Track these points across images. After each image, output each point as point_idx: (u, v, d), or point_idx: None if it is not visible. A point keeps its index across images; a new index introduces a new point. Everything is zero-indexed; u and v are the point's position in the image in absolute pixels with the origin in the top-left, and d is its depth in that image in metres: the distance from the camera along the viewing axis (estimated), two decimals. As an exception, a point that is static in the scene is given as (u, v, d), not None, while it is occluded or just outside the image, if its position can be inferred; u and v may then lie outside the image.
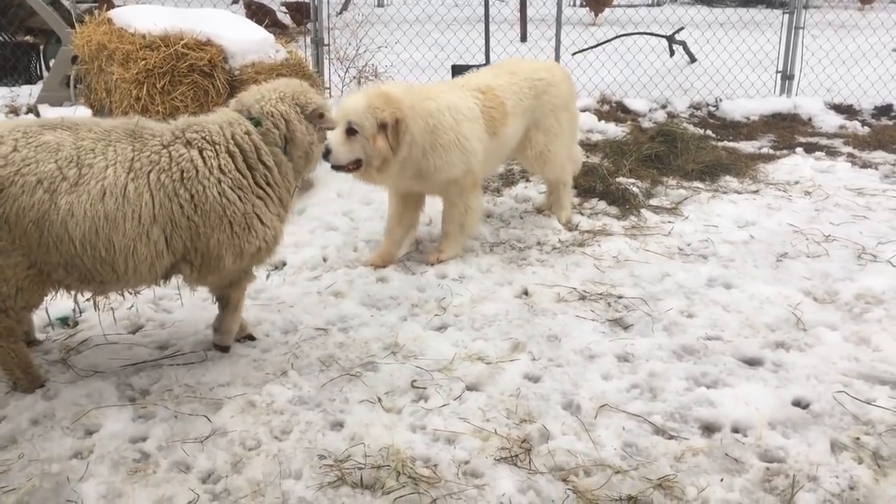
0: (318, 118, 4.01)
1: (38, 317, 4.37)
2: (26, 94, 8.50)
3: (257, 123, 3.84)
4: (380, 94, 4.81)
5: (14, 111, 7.91)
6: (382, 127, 4.73)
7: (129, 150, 3.60)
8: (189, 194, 3.63)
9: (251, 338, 4.27)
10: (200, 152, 3.69)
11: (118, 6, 6.64)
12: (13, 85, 9.01)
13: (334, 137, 4.66)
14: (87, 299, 4.27)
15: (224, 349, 4.13)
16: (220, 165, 3.70)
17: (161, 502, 3.07)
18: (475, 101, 5.22)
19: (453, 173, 5.10)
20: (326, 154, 4.59)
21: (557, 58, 9.33)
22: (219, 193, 3.68)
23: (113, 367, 3.97)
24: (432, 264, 5.20)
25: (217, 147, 3.73)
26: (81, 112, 6.77)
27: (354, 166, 4.80)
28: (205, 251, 3.74)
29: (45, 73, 9.22)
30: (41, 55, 9.68)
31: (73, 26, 7.11)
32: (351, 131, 4.71)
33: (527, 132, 5.67)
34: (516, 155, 5.90)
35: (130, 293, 4.28)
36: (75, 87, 7.65)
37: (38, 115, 7.77)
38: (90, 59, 5.86)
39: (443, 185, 5.17)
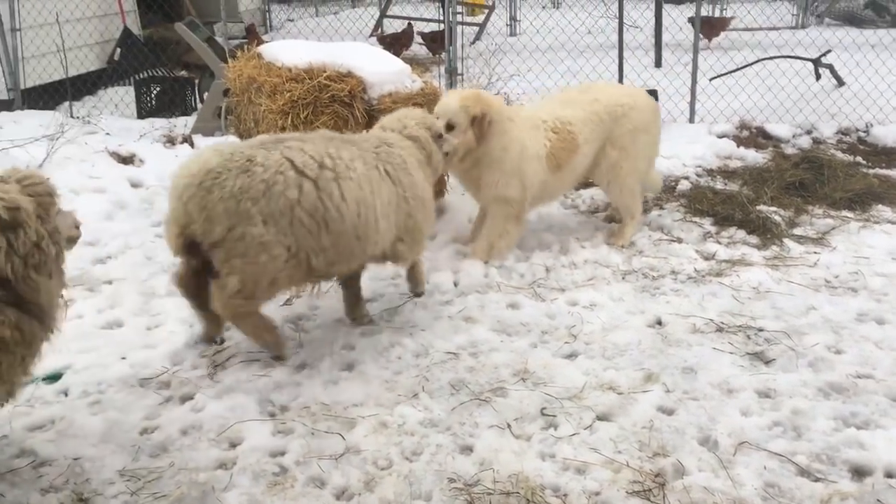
0: (439, 138, 4.94)
1: (188, 335, 4.64)
2: (182, 124, 9.09)
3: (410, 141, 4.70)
4: (472, 94, 5.51)
5: (171, 140, 8.47)
6: (473, 121, 5.32)
7: (356, 150, 4.34)
8: (403, 180, 4.47)
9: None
10: (402, 151, 4.56)
11: (266, 42, 7.02)
12: (171, 116, 9.66)
13: None
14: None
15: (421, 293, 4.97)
16: (413, 162, 4.60)
17: (297, 515, 3.18)
18: (546, 142, 5.59)
19: (505, 194, 5.54)
20: None
21: (694, 82, 9.11)
22: (420, 180, 4.59)
23: (255, 383, 4.17)
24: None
25: (408, 151, 4.60)
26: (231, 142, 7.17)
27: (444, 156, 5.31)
28: (412, 227, 4.58)
29: (199, 106, 9.82)
30: (196, 88, 10.33)
31: (225, 61, 7.58)
32: (449, 127, 5.26)
33: (602, 149, 5.87)
34: (590, 171, 6.03)
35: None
36: (226, 118, 8.13)
37: (192, 144, 8.29)
38: (241, 91, 6.22)
39: (492, 201, 5.63)
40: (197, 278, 4.23)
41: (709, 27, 13.07)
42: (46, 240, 3.04)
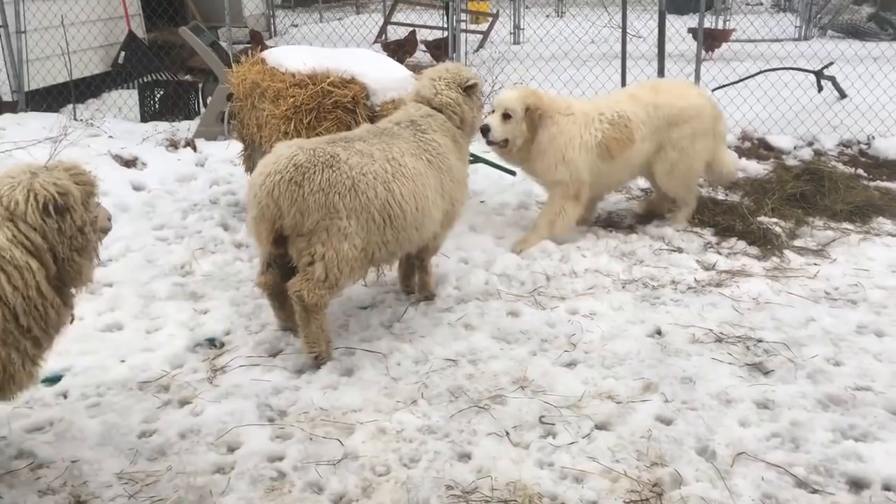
0: (474, 89, 5.04)
1: (188, 338, 4.65)
2: (185, 128, 9.10)
3: (439, 111, 4.87)
4: (530, 91, 6.05)
5: (174, 144, 8.49)
6: (526, 112, 5.82)
7: (401, 142, 4.60)
8: (445, 166, 4.74)
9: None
10: (435, 134, 4.76)
11: (270, 47, 7.04)
12: (174, 120, 9.67)
13: (494, 120, 5.81)
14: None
15: (432, 297, 5.17)
16: (448, 144, 4.81)
17: (295, 521, 3.18)
18: (597, 133, 5.99)
19: (557, 177, 6.00)
20: (486, 131, 5.77)
21: (696, 94, 9.13)
22: (456, 164, 4.84)
23: (254, 387, 4.17)
24: (516, 252, 5.88)
25: (439, 132, 4.80)
26: (235, 146, 7.19)
27: (504, 144, 5.90)
28: (449, 208, 4.85)
29: (203, 110, 9.84)
30: (200, 93, 10.34)
31: (229, 66, 7.59)
32: (506, 116, 5.82)
33: (661, 149, 6.22)
34: (647, 169, 6.39)
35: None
36: (229, 122, 8.14)
37: (195, 149, 8.30)
38: (244, 96, 6.23)
39: (549, 185, 6.14)
40: (280, 284, 4.47)
41: (710, 39, 13.09)
42: (89, 226, 3.32)
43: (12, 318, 3.06)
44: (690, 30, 12.93)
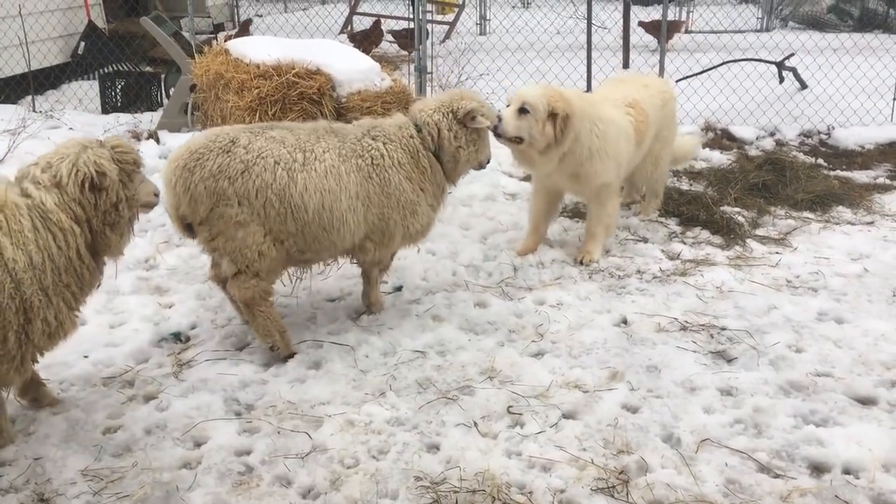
0: (470, 120, 4.62)
1: (152, 333, 4.60)
2: (148, 120, 8.97)
3: (419, 130, 4.59)
4: (555, 90, 5.34)
5: (136, 136, 8.36)
6: (552, 116, 5.16)
7: (336, 141, 4.38)
8: (379, 178, 4.41)
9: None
10: (384, 145, 4.46)
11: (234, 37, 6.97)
12: (136, 112, 9.51)
13: (507, 112, 5.16)
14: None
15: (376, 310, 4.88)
16: (398, 159, 4.47)
17: (263, 515, 3.16)
18: (630, 119, 5.66)
19: (606, 179, 5.56)
20: (495, 126, 5.06)
21: (661, 84, 9.22)
22: (398, 181, 4.46)
23: (221, 381, 4.14)
24: (583, 263, 5.58)
25: (395, 144, 4.49)
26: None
27: (517, 141, 5.21)
28: (384, 228, 4.49)
29: (166, 101, 9.70)
30: (162, 84, 10.19)
31: (192, 57, 7.50)
32: (523, 111, 5.14)
33: (653, 139, 6.14)
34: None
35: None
36: (192, 114, 8.04)
37: (158, 140, 8.19)
38: (208, 87, 6.17)
39: (595, 190, 5.61)
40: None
41: (658, 30, 13.29)
42: (123, 203, 3.60)
43: (57, 274, 3.40)
44: (641, 24, 13.13)
